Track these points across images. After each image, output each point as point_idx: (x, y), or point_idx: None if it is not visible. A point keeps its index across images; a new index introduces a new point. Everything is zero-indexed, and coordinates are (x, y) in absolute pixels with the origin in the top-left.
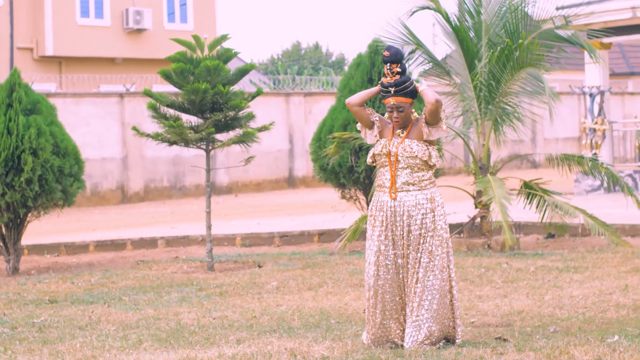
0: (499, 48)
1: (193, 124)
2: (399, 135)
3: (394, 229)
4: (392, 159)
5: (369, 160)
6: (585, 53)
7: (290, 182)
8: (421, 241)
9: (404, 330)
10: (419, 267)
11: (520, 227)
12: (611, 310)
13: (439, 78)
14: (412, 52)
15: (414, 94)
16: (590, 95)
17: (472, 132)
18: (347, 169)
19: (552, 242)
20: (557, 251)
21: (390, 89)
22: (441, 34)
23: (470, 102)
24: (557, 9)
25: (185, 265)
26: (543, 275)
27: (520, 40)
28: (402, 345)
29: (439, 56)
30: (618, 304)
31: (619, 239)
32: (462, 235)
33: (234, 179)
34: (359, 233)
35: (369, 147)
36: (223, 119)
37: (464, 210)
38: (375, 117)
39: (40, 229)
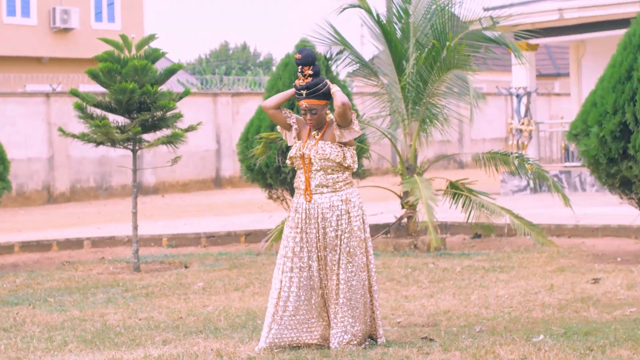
0: (426, 49)
1: (120, 124)
2: (314, 137)
3: (308, 231)
4: (305, 162)
5: (287, 162)
6: (513, 54)
7: (217, 182)
8: (338, 242)
9: (317, 331)
10: (338, 269)
11: (447, 227)
12: (537, 310)
13: (367, 79)
14: (340, 52)
15: (327, 95)
16: (517, 96)
17: (400, 133)
18: (274, 169)
19: (479, 242)
20: (483, 251)
21: (303, 91)
22: (369, 34)
23: (397, 102)
24: (485, 10)
25: (112, 266)
26: (469, 275)
27: (447, 42)
28: (325, 346)
29: (367, 57)
30: (543, 303)
31: (545, 239)
32: (389, 235)
33: (160, 179)
34: None
35: None
36: (150, 119)
37: (391, 211)
38: (293, 119)
39: None
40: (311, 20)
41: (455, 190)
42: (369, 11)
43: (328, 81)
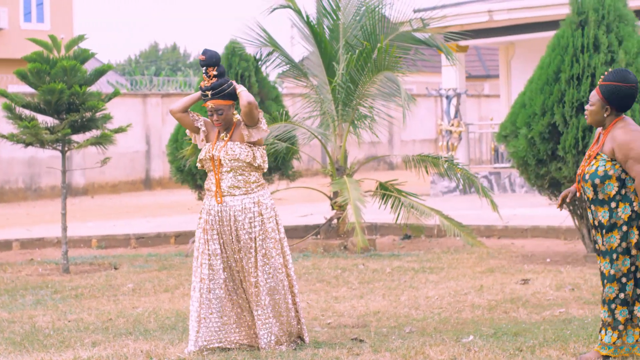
0: (357, 51)
1: (49, 124)
2: (222, 138)
3: (222, 233)
4: (215, 163)
5: (197, 165)
6: (442, 55)
7: (147, 183)
8: (253, 245)
9: (245, 331)
10: (255, 271)
11: (377, 228)
12: (466, 311)
13: (297, 79)
14: (270, 53)
15: (233, 96)
16: (447, 97)
17: (330, 134)
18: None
19: (408, 243)
20: (413, 252)
21: (208, 92)
22: (299, 35)
23: (327, 104)
24: (415, 11)
25: (41, 267)
26: (399, 276)
27: (378, 44)
28: (256, 346)
29: (297, 58)
30: (473, 304)
31: (474, 240)
32: (318, 236)
33: (90, 180)
34: None
35: None
36: (79, 120)
37: (321, 212)
38: (200, 122)
39: None
40: (241, 21)
41: (385, 191)
42: (298, 12)
43: (234, 82)
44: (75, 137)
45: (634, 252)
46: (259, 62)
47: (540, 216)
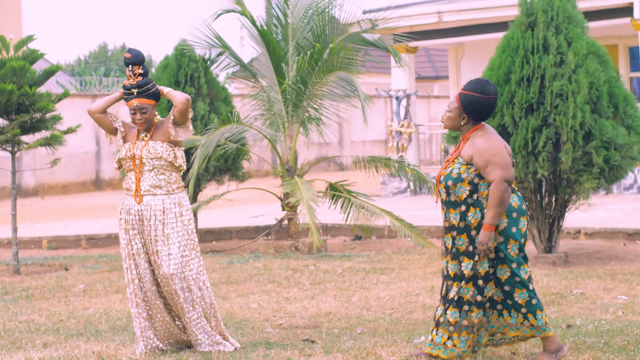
0: (308, 52)
1: None
2: (143, 138)
3: (142, 233)
4: (136, 162)
5: (115, 165)
6: (392, 56)
7: (97, 184)
8: (169, 246)
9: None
10: (172, 274)
11: (327, 229)
12: (417, 311)
13: (246, 80)
14: (219, 54)
15: (156, 96)
16: (397, 98)
17: (280, 135)
18: None
19: (359, 244)
20: (364, 253)
21: (133, 90)
22: (248, 37)
23: (277, 104)
24: (364, 12)
25: None
26: (350, 276)
27: (330, 45)
28: (183, 347)
29: (247, 59)
30: (424, 304)
31: (425, 241)
32: (269, 237)
33: (40, 181)
34: None
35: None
36: (29, 121)
37: (272, 213)
38: (119, 123)
39: None
40: (191, 23)
41: (335, 192)
42: (247, 16)
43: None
44: (25, 138)
45: (476, 257)
46: (208, 63)
47: None
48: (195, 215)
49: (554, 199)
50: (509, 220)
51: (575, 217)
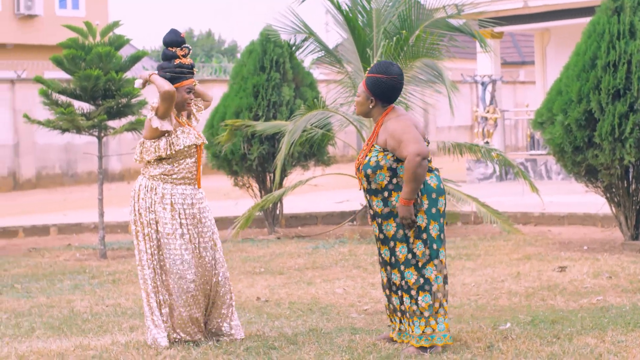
0: (395, 38)
1: (85, 110)
2: (188, 124)
3: (196, 222)
4: (198, 148)
5: (167, 152)
6: (477, 42)
7: None
8: (212, 232)
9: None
10: (215, 262)
11: None
12: (503, 298)
13: (331, 66)
14: (304, 40)
15: None
16: (482, 84)
17: (365, 120)
18: (239, 156)
19: (445, 230)
20: (449, 239)
21: (194, 69)
22: (332, 22)
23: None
24: None
25: (78, 252)
26: None
27: (416, 31)
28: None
29: (332, 44)
30: (510, 291)
31: (511, 227)
32: (355, 222)
33: (126, 166)
34: (251, 220)
35: (261, 135)
36: (115, 106)
37: (357, 198)
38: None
39: None
40: (276, 8)
41: None
42: (331, 0)
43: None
44: (111, 123)
45: (410, 240)
46: (293, 49)
47: (577, 203)
48: (280, 200)
49: None
50: (429, 201)
51: None
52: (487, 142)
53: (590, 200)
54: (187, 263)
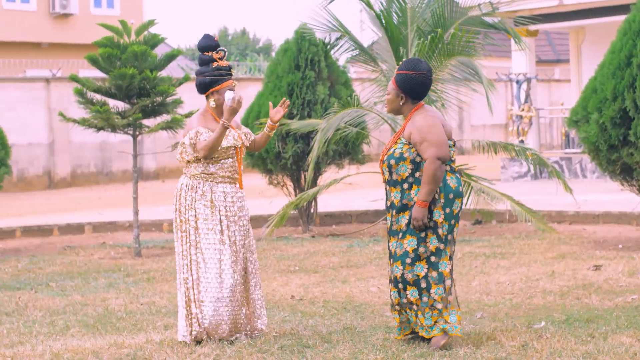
0: (429, 37)
1: (120, 109)
2: (229, 125)
3: (236, 219)
4: (238, 151)
5: (206, 154)
6: (512, 40)
7: None
8: (247, 232)
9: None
10: (247, 262)
11: None
12: (538, 296)
13: (365, 64)
14: (339, 38)
15: None
16: (517, 82)
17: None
18: (274, 155)
19: (479, 228)
20: (484, 237)
21: (232, 71)
22: (368, 20)
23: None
24: None
25: (113, 251)
26: (470, 261)
27: (451, 29)
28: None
29: (366, 43)
30: (544, 290)
31: (546, 226)
32: None
33: (161, 164)
34: (286, 219)
35: (296, 133)
36: (150, 105)
37: None
38: (201, 129)
39: None
40: (311, 6)
41: None
42: None
43: None
44: (146, 122)
45: (422, 234)
46: (328, 47)
47: (612, 202)
48: (315, 199)
49: None
50: (445, 201)
51: None
52: (521, 141)
53: (626, 199)
54: (224, 261)
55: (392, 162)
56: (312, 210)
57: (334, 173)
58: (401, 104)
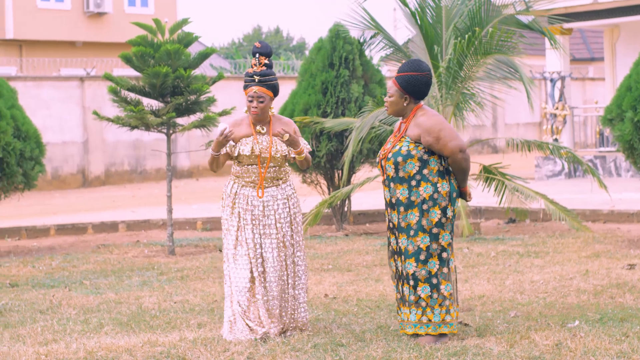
0: (467, 35)
1: (154, 107)
2: (260, 132)
3: (257, 222)
4: (261, 158)
5: (221, 160)
6: (546, 38)
7: None
8: (289, 229)
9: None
10: (286, 261)
11: (481, 212)
12: (572, 295)
13: (400, 63)
14: (373, 36)
15: (276, 89)
16: (551, 80)
17: None
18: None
19: (513, 227)
20: (517, 236)
21: (256, 77)
22: (402, 18)
23: (431, 87)
24: None
25: (146, 249)
26: (504, 260)
27: (489, 29)
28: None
29: (400, 41)
30: (579, 289)
31: (580, 224)
32: None
33: (195, 163)
34: (320, 217)
35: (329, 132)
36: (184, 103)
37: None
38: (229, 143)
39: (1, 213)
40: (345, 5)
41: (489, 174)
42: None
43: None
44: (180, 120)
45: (435, 230)
46: (363, 45)
47: None
48: (348, 197)
49: None
50: (450, 200)
51: None
52: (556, 139)
53: None
54: (239, 261)
55: (400, 159)
56: (345, 209)
57: (367, 171)
58: (405, 104)
